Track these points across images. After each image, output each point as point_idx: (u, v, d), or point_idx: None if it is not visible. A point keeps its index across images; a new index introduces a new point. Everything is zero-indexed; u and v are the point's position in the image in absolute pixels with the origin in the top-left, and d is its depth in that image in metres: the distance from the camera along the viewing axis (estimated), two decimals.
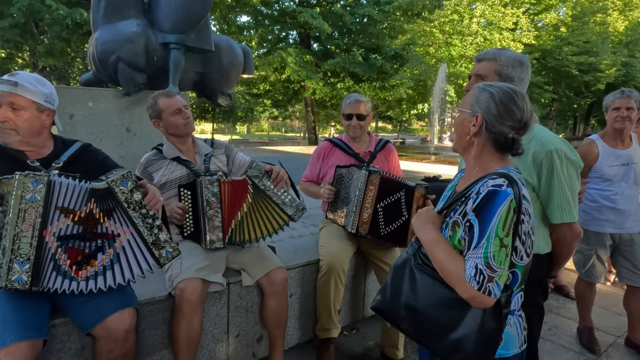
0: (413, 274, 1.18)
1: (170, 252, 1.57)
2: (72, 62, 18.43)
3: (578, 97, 23.84)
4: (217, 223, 1.97)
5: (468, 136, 1.19)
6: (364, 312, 2.85)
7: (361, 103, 2.51)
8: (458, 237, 1.12)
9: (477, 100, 1.17)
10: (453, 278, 1.07)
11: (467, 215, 1.09)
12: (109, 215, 1.48)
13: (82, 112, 5.07)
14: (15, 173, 1.36)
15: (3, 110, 1.50)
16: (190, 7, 5.17)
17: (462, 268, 1.06)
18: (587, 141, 2.63)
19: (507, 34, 20.55)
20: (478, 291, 1.02)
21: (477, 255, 1.04)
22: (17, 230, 1.35)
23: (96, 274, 1.47)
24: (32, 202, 1.36)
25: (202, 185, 1.95)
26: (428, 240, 1.17)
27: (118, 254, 1.50)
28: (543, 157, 1.44)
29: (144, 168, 2.12)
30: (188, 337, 1.83)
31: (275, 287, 2.06)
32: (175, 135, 2.15)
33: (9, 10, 12.59)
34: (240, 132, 46.35)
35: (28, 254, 1.36)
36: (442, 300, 1.11)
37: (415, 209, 2.26)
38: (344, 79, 20.67)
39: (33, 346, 1.36)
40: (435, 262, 1.13)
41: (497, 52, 1.57)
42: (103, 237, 1.48)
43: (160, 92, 2.17)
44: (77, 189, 1.43)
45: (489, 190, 1.06)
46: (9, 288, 1.35)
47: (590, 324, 2.73)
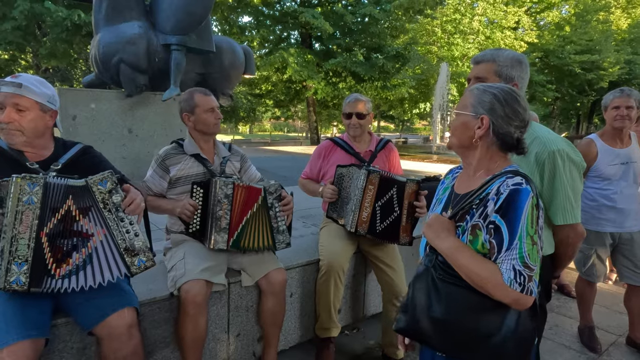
0: (436, 286, 1.13)
1: (144, 261, 1.50)
2: (75, 63, 18.52)
3: (581, 95, 23.72)
4: (224, 225, 1.98)
5: (473, 138, 1.17)
6: (364, 312, 2.86)
7: (360, 102, 2.52)
8: (481, 240, 1.09)
9: (479, 102, 1.16)
10: (489, 283, 1.03)
11: (489, 217, 1.07)
12: (85, 214, 1.46)
13: (84, 113, 5.11)
14: (12, 176, 1.37)
15: (8, 111, 1.52)
16: (191, 9, 5.19)
17: (496, 272, 1.03)
18: (585, 140, 2.63)
19: (509, 32, 20.49)
20: (521, 293, 1.01)
21: (512, 257, 1.02)
22: (15, 232, 1.36)
23: (70, 273, 1.44)
24: (29, 204, 1.37)
25: (217, 185, 1.97)
26: (447, 248, 1.12)
27: (91, 254, 1.46)
28: (546, 158, 1.43)
29: (162, 160, 2.12)
30: (194, 337, 1.85)
31: (273, 288, 2.07)
32: (202, 132, 2.17)
33: (11, 13, 12.67)
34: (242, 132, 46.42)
35: (26, 255, 1.37)
36: (473, 308, 1.07)
37: (406, 205, 2.26)
38: (345, 78, 20.69)
39: (35, 345, 1.38)
40: (461, 269, 1.08)
41: (495, 52, 1.56)
42: (78, 235, 1.46)
43: (196, 88, 2.22)
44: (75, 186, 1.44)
45: (512, 189, 1.05)
46: (8, 289, 1.36)
47: (591, 323, 2.74)
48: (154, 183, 2.12)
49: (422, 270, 1.19)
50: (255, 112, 29.88)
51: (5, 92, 1.52)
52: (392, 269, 2.36)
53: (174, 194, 2.13)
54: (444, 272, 1.13)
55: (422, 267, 1.20)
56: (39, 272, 1.40)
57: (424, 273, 1.17)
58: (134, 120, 5.41)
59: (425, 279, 1.16)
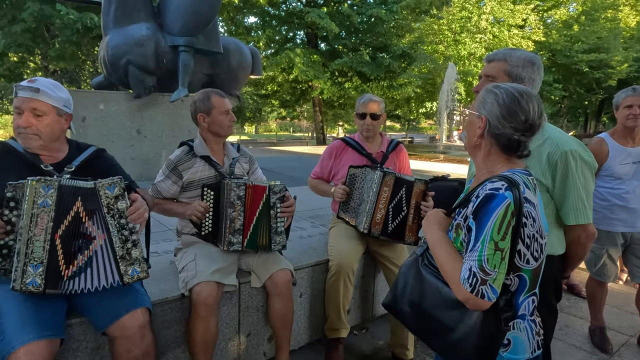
0: (420, 273, 1.22)
1: (138, 272, 1.50)
2: (82, 65, 18.67)
3: (589, 93, 23.50)
4: (239, 226, 1.99)
5: (474, 137, 1.20)
6: (374, 312, 2.86)
7: (375, 103, 2.53)
8: (460, 239, 1.14)
9: (483, 102, 1.18)
10: (450, 279, 1.10)
11: (468, 219, 1.11)
12: (90, 216, 1.47)
13: (94, 115, 5.16)
14: (28, 178, 1.39)
15: (26, 116, 1.56)
16: (199, 10, 5.22)
17: (458, 270, 1.07)
18: (596, 139, 2.61)
19: (516, 31, 20.35)
20: (471, 293, 1.03)
21: (472, 258, 1.05)
22: (30, 234, 1.38)
23: (74, 274, 1.46)
24: (44, 207, 1.39)
25: (229, 188, 1.98)
26: (432, 240, 1.20)
27: (91, 257, 1.47)
28: (558, 158, 1.43)
29: (175, 167, 2.11)
30: (205, 339, 1.86)
31: (278, 288, 2.07)
32: (215, 134, 2.18)
33: (20, 16, 12.81)
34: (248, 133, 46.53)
35: (41, 257, 1.39)
36: (444, 301, 1.13)
37: (413, 204, 2.26)
38: (351, 78, 20.65)
39: (51, 345, 1.40)
40: (437, 262, 1.16)
41: (507, 52, 1.56)
42: (83, 237, 1.47)
43: (211, 90, 2.21)
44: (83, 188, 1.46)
45: (487, 193, 1.07)
46: (24, 291, 1.38)
47: (602, 323, 2.71)
48: (164, 188, 2.13)
49: (414, 257, 1.28)
50: (261, 112, 29.93)
51: (23, 96, 1.55)
52: None
53: (185, 198, 2.14)
54: (429, 262, 1.22)
55: (414, 255, 1.29)
56: (54, 273, 1.42)
57: (414, 260, 1.27)
58: (142, 121, 5.45)
59: (414, 265, 1.26)
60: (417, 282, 1.21)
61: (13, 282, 1.38)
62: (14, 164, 1.59)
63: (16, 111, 1.57)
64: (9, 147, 1.62)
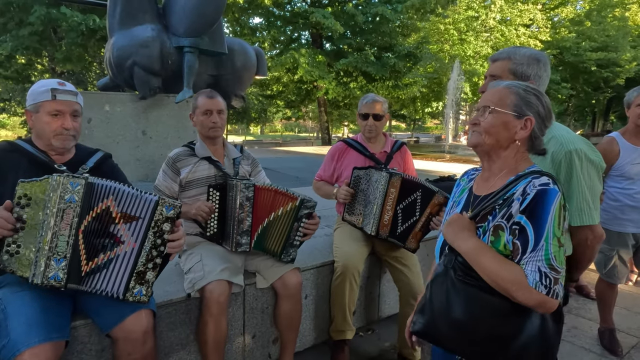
0: (456, 287, 1.09)
1: (142, 294, 1.48)
2: (89, 66, 18.82)
3: (597, 92, 23.28)
4: (247, 227, 1.99)
5: (511, 139, 1.15)
6: (379, 313, 2.84)
7: (378, 103, 2.50)
8: (503, 241, 1.07)
9: (525, 103, 1.13)
10: (512, 285, 1.00)
11: (513, 218, 1.05)
12: (128, 221, 1.47)
13: (99, 116, 5.18)
14: (52, 174, 1.41)
15: (68, 118, 1.63)
16: (204, 11, 5.23)
17: (521, 274, 1.00)
18: (607, 139, 2.57)
19: (523, 30, 20.20)
20: (547, 296, 0.98)
21: (538, 258, 1.00)
22: (56, 228, 1.39)
23: (91, 272, 1.46)
24: (70, 202, 1.41)
25: (237, 188, 1.97)
26: (469, 248, 1.09)
27: (111, 259, 1.47)
28: (562, 158, 1.40)
29: (173, 162, 2.13)
30: (217, 338, 1.85)
31: (289, 290, 2.06)
32: (200, 134, 2.20)
33: (28, 19, 12.95)
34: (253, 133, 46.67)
35: (65, 252, 1.40)
36: (494, 311, 1.04)
37: (427, 213, 2.22)
38: (356, 78, 20.63)
39: (56, 347, 1.39)
40: (483, 270, 1.05)
41: (512, 50, 1.54)
42: (111, 237, 1.47)
43: (204, 90, 2.23)
44: (134, 195, 1.45)
45: (538, 189, 1.03)
46: (45, 284, 1.39)
47: (611, 325, 2.67)
48: (165, 186, 2.12)
49: (441, 271, 1.14)
50: (267, 112, 30.01)
51: (65, 99, 1.63)
52: (408, 269, 2.33)
53: (187, 197, 2.13)
54: (463, 273, 1.09)
55: (440, 268, 1.15)
56: (75, 268, 1.43)
57: (443, 274, 1.13)
58: (147, 122, 5.47)
59: (444, 280, 1.12)
60: (457, 298, 1.07)
61: (33, 276, 1.39)
62: (23, 164, 1.61)
63: (54, 113, 1.62)
64: (17, 147, 1.64)
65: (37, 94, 1.62)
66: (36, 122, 1.64)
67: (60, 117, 1.62)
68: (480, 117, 1.18)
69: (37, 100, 1.62)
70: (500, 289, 1.02)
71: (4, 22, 13.86)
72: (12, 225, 1.39)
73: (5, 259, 1.41)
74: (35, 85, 1.66)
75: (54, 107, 1.62)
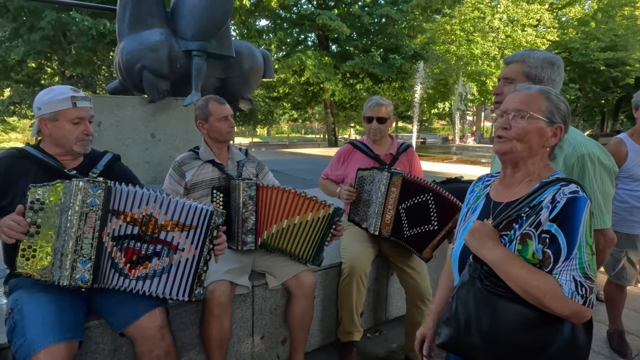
0: (484, 297, 1.05)
1: (200, 294, 1.63)
2: (98, 70, 19.02)
3: (606, 92, 23.03)
4: (251, 225, 2.03)
5: (542, 146, 1.13)
6: (387, 315, 2.85)
7: (382, 106, 2.52)
8: (532, 250, 1.04)
9: (557, 110, 1.12)
10: (546, 295, 0.97)
11: (542, 226, 1.03)
12: (188, 231, 1.58)
13: (109, 119, 5.24)
14: (73, 179, 1.47)
15: (88, 124, 1.71)
16: (212, 15, 5.27)
17: (554, 283, 0.98)
18: (615, 140, 2.56)
19: (530, 30, 20.06)
20: (583, 305, 0.95)
21: (572, 267, 0.98)
22: (80, 232, 1.45)
23: (146, 276, 1.56)
24: (92, 206, 1.47)
25: (239, 188, 2.01)
26: (496, 258, 1.05)
27: (172, 265, 1.58)
28: (575, 161, 1.39)
29: (179, 166, 2.19)
30: (219, 337, 1.89)
31: (304, 290, 2.09)
32: (214, 139, 2.24)
33: (39, 24, 13.13)
34: (260, 135, 46.81)
35: (89, 253, 1.46)
36: (525, 321, 1.01)
37: (448, 228, 2.22)
38: (363, 79, 20.62)
39: (70, 347, 1.43)
40: (513, 280, 1.02)
41: (526, 53, 1.53)
42: (164, 244, 1.57)
43: (211, 96, 2.27)
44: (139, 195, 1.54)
45: (569, 197, 1.01)
46: (73, 286, 1.45)
47: (620, 327, 2.66)
48: (170, 188, 2.17)
49: (467, 281, 1.10)
50: (273, 114, 30.09)
51: (84, 106, 1.69)
52: (416, 272, 2.34)
53: (192, 199, 2.17)
54: (491, 283, 1.05)
55: (465, 277, 1.11)
56: (99, 270, 1.50)
57: (469, 284, 1.09)
58: (156, 125, 5.52)
59: (471, 290, 1.08)
60: (485, 308, 1.04)
61: (60, 279, 1.44)
62: (32, 170, 1.64)
63: (75, 121, 1.67)
64: (26, 154, 1.67)
65: (56, 102, 1.64)
66: (55, 130, 1.67)
67: (81, 124, 1.68)
68: (512, 121, 1.12)
69: (57, 108, 1.65)
70: (531, 299, 1.00)
71: (16, 27, 14.08)
72: (25, 229, 1.43)
73: (21, 262, 1.46)
74: (49, 94, 1.67)
75: (75, 115, 1.67)
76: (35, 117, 1.69)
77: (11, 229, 1.40)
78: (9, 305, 1.56)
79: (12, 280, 1.64)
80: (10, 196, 1.58)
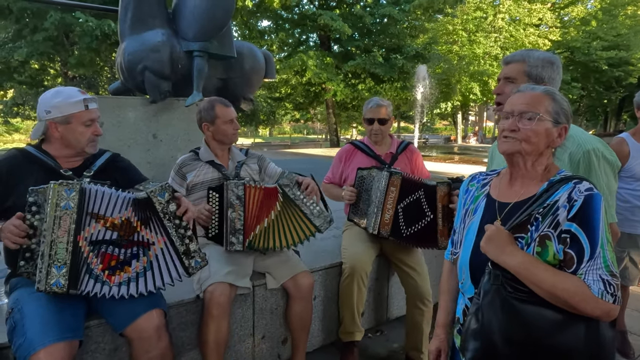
0: (512, 305, 1.02)
1: (199, 262, 1.62)
2: (100, 71, 19.07)
3: (608, 92, 22.96)
4: (239, 226, 2.01)
5: (548, 146, 1.13)
6: (388, 315, 2.85)
7: (382, 107, 2.52)
8: (552, 251, 1.02)
9: (562, 110, 1.12)
10: (576, 297, 0.96)
11: (561, 226, 1.01)
12: (146, 224, 1.56)
13: (111, 120, 5.24)
14: (50, 182, 1.44)
15: (97, 125, 1.73)
16: (213, 16, 5.27)
17: (582, 284, 0.97)
18: (617, 139, 2.55)
19: (532, 29, 20.01)
20: (614, 304, 0.95)
21: (597, 267, 0.97)
22: (54, 236, 1.43)
23: (129, 280, 1.53)
24: (67, 210, 1.44)
25: (228, 188, 2.01)
26: (518, 263, 1.02)
27: (151, 261, 1.56)
28: (580, 157, 1.40)
29: (179, 168, 2.20)
30: (217, 339, 1.87)
31: (301, 291, 2.09)
32: (219, 141, 2.24)
33: (42, 25, 13.17)
34: (262, 135, 46.84)
35: (64, 258, 1.44)
36: (554, 324, 0.99)
37: (440, 208, 2.24)
38: (364, 80, 20.62)
39: (70, 347, 1.43)
40: (540, 285, 0.99)
41: (526, 53, 1.54)
42: (139, 245, 1.55)
43: (216, 98, 2.26)
44: (114, 197, 1.51)
45: (586, 195, 1.01)
46: (48, 291, 1.43)
47: (623, 327, 2.65)
48: None
49: (490, 290, 1.05)
50: (275, 115, 30.11)
51: (94, 108, 1.71)
52: (416, 272, 2.34)
53: (191, 200, 2.16)
54: (513, 289, 1.02)
55: (488, 287, 1.06)
56: (76, 274, 1.46)
57: (493, 293, 1.04)
58: (158, 125, 5.52)
59: (497, 299, 1.04)
60: (515, 316, 1.01)
61: (37, 283, 1.43)
62: (34, 170, 1.64)
63: (87, 123, 1.69)
64: (27, 154, 1.68)
65: (68, 105, 1.64)
66: (67, 132, 1.66)
67: (92, 125, 1.70)
68: (519, 123, 1.11)
69: (70, 111, 1.65)
70: (558, 302, 0.98)
71: (19, 29, 14.12)
72: (24, 232, 1.43)
73: (22, 264, 1.47)
74: (58, 97, 1.65)
75: (87, 117, 1.68)
76: (40, 119, 1.67)
77: (11, 233, 1.42)
78: (9, 304, 1.56)
79: (13, 280, 1.64)
80: (14, 197, 1.59)
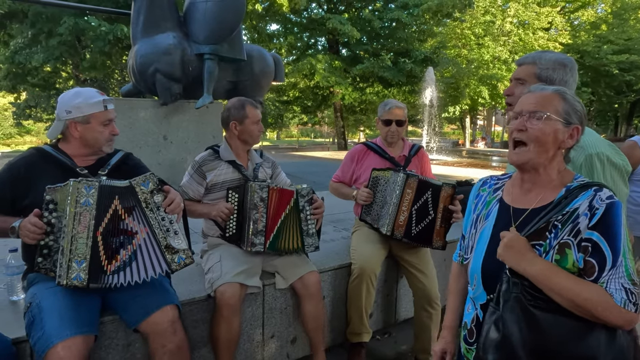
0: (532, 314, 1.00)
1: (183, 259, 1.59)
2: (111, 73, 19.31)
3: (619, 96, 22.71)
4: (261, 227, 2.05)
5: (558, 148, 1.10)
6: (396, 317, 2.85)
7: (399, 109, 2.55)
8: (572, 259, 1.01)
9: (574, 111, 1.10)
10: (598, 306, 0.95)
11: (582, 234, 1.00)
12: (129, 213, 1.57)
13: (122, 121, 5.32)
14: (70, 180, 1.49)
15: (114, 124, 1.79)
16: (224, 19, 5.34)
17: (604, 293, 0.96)
18: (628, 143, 2.54)
19: (541, 33, 19.90)
20: (635, 313, 0.94)
21: (619, 275, 0.96)
22: (74, 232, 1.47)
23: (119, 269, 1.54)
24: (86, 206, 1.49)
25: (252, 190, 2.04)
26: (538, 271, 1.00)
27: (135, 251, 1.56)
28: (582, 162, 1.37)
29: (199, 166, 2.20)
30: (228, 338, 1.91)
31: (309, 290, 2.11)
32: (244, 141, 2.27)
33: (57, 30, 13.39)
34: (270, 138, 46.98)
35: (84, 253, 1.48)
36: (574, 332, 0.98)
37: (441, 208, 2.25)
38: (373, 83, 20.64)
39: (86, 341, 1.46)
40: (559, 292, 0.97)
41: (538, 55, 1.53)
42: (124, 233, 1.56)
43: (246, 99, 2.28)
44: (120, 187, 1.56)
45: (608, 203, 1.00)
46: (69, 285, 1.47)
47: (635, 333, 2.62)
48: (190, 188, 2.20)
49: (510, 299, 1.03)
50: (283, 118, 30.20)
51: (111, 108, 1.76)
52: (424, 275, 2.35)
53: (209, 199, 2.20)
54: (533, 297, 1.01)
55: (507, 295, 1.04)
56: (96, 268, 1.50)
57: (514, 302, 1.02)
58: (169, 127, 5.60)
59: (517, 308, 1.01)
60: (536, 326, 1.00)
61: (58, 277, 1.47)
62: (50, 169, 1.69)
63: (105, 123, 1.74)
64: (44, 152, 1.72)
65: (89, 106, 1.70)
66: (87, 132, 1.72)
67: (109, 125, 1.76)
68: (527, 122, 1.09)
69: (91, 111, 1.70)
70: (579, 310, 0.97)
71: (35, 34, 14.35)
72: (42, 230, 1.48)
73: (40, 261, 1.51)
74: (78, 97, 1.71)
75: (106, 117, 1.74)
76: (59, 119, 1.72)
77: (29, 231, 1.47)
78: (27, 299, 1.60)
79: (30, 275, 1.68)
80: (32, 195, 1.63)
